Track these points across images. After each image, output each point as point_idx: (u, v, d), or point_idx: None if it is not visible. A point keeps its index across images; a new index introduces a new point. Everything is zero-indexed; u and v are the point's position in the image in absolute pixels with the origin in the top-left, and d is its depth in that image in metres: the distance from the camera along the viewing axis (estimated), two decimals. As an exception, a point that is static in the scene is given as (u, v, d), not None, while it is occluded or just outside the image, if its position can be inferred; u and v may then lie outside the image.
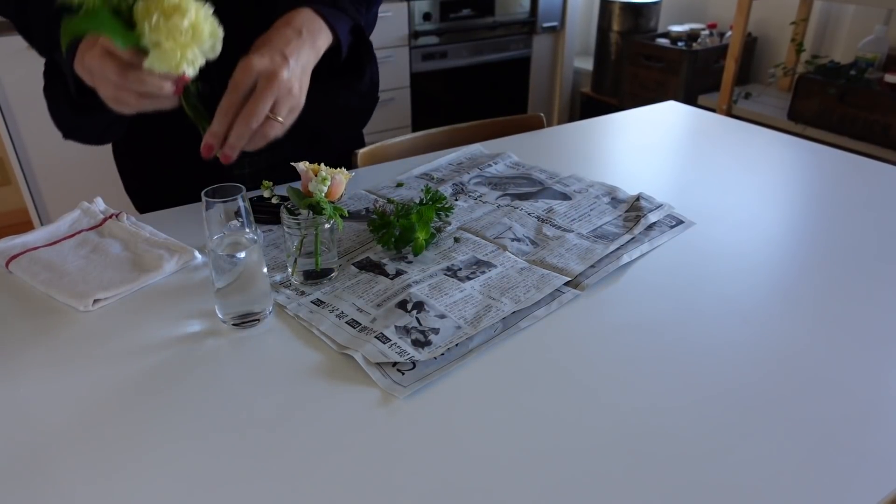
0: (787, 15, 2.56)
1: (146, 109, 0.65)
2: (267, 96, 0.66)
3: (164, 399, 0.58)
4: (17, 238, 0.80)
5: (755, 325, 0.67)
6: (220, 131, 0.67)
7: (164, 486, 0.49)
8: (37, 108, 1.96)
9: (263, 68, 0.66)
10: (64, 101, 0.77)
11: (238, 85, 0.66)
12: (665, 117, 1.30)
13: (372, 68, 0.96)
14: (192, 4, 0.52)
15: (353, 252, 0.80)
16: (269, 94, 0.66)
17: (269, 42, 0.69)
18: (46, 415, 0.56)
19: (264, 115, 0.67)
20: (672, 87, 2.68)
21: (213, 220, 0.63)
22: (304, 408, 0.57)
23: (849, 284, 0.74)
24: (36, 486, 0.49)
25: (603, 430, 0.54)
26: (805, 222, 0.88)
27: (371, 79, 0.96)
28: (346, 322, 0.67)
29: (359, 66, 0.92)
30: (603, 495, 0.48)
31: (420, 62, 2.64)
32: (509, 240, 0.82)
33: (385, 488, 0.49)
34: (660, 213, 0.88)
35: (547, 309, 0.70)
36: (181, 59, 0.52)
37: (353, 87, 0.93)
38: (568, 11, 2.90)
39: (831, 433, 0.54)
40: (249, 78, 0.66)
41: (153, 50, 0.51)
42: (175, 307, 0.71)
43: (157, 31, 0.51)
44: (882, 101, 2.08)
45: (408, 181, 1.00)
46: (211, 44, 0.54)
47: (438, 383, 0.60)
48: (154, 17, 0.50)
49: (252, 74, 0.66)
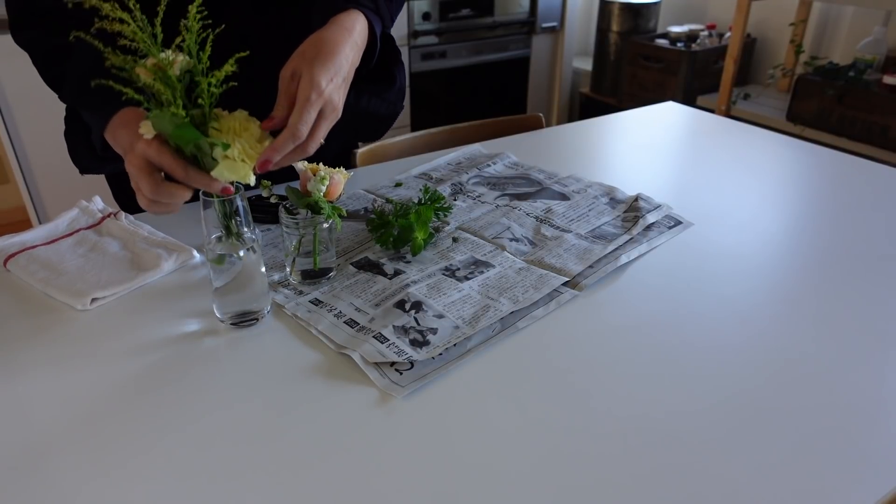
0: (786, 16, 2.56)
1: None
2: (326, 123, 0.67)
3: (162, 398, 0.58)
4: (15, 237, 0.80)
5: (753, 325, 0.67)
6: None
7: (162, 485, 0.49)
8: (36, 106, 1.96)
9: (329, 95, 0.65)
10: (84, 148, 0.81)
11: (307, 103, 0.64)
12: (664, 118, 1.31)
13: (401, 75, 0.95)
14: (254, 124, 0.60)
15: (351, 252, 0.80)
16: (328, 121, 0.67)
17: (324, 54, 0.67)
18: (44, 413, 0.56)
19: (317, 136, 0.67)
20: (671, 88, 2.69)
21: (211, 219, 0.63)
22: (301, 407, 0.57)
23: (848, 285, 0.74)
24: (33, 485, 0.49)
25: (600, 430, 0.54)
26: (803, 223, 0.89)
27: (400, 85, 0.95)
28: (344, 322, 0.67)
29: (388, 72, 0.91)
30: (601, 494, 0.48)
31: (419, 62, 2.64)
32: (508, 240, 0.82)
33: (382, 487, 0.49)
34: (658, 213, 0.88)
35: (545, 309, 0.70)
36: (249, 171, 0.58)
37: (384, 94, 0.93)
38: (567, 12, 2.90)
39: (830, 433, 0.54)
40: (319, 101, 0.64)
41: (223, 161, 0.58)
42: (173, 306, 0.70)
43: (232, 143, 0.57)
44: (881, 102, 2.08)
45: (406, 181, 1.00)
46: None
47: (436, 383, 0.60)
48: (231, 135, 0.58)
49: (322, 99, 0.65)
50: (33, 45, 0.80)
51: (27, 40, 0.80)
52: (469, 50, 2.74)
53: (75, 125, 0.84)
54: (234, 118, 0.61)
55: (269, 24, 0.86)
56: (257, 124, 0.63)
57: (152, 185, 0.63)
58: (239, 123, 0.61)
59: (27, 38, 0.80)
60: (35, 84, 0.88)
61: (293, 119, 0.63)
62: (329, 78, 0.66)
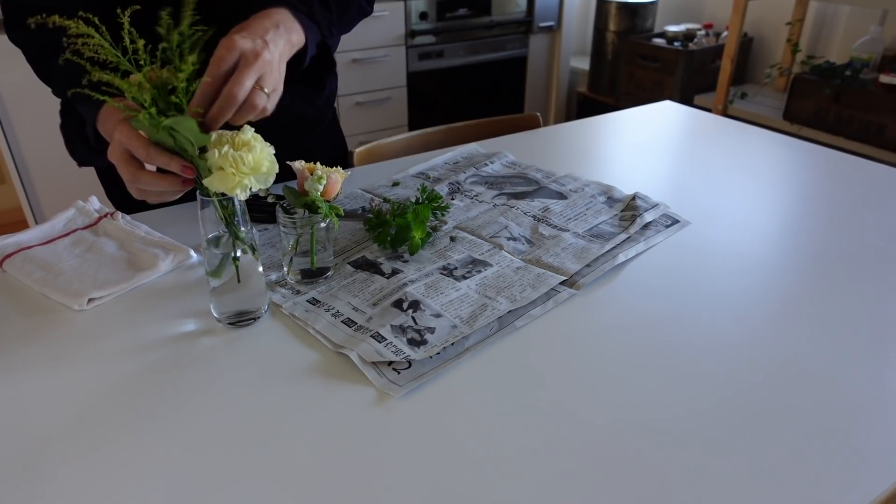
0: (782, 15, 2.57)
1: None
2: (252, 70, 0.65)
3: (159, 398, 0.58)
4: (11, 237, 0.80)
5: (749, 324, 0.67)
6: (203, 103, 0.64)
7: (159, 485, 0.49)
8: (32, 106, 1.96)
9: (248, 47, 0.65)
10: (80, 140, 0.81)
11: (221, 59, 0.64)
12: (661, 117, 1.31)
13: (332, 84, 0.97)
14: (259, 144, 0.60)
15: (348, 251, 0.80)
16: (254, 69, 0.65)
17: (247, 27, 0.68)
18: (41, 414, 0.56)
19: (250, 87, 0.65)
20: (668, 87, 2.69)
21: (208, 219, 0.63)
22: (299, 406, 0.57)
23: (844, 284, 0.74)
24: (30, 485, 0.49)
25: (598, 428, 0.54)
26: (800, 222, 0.89)
27: (328, 94, 0.97)
28: (341, 321, 0.67)
29: (320, 79, 0.93)
30: (599, 493, 0.48)
31: (416, 61, 2.64)
32: (505, 239, 0.82)
33: (380, 486, 0.49)
34: (655, 212, 0.89)
35: (543, 308, 0.70)
36: (237, 185, 0.58)
37: (311, 98, 0.95)
38: (564, 11, 2.90)
39: (827, 431, 0.54)
40: (233, 55, 0.64)
41: (216, 172, 0.58)
42: (170, 306, 0.70)
43: (224, 159, 0.58)
44: (877, 101, 2.09)
45: (404, 180, 1.00)
46: (264, 178, 0.61)
47: (434, 382, 0.60)
48: (225, 148, 0.58)
49: (236, 51, 0.64)
50: (26, 42, 0.81)
51: (21, 38, 0.81)
52: (466, 49, 2.74)
53: (70, 118, 0.85)
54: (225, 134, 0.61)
55: None
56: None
57: (130, 173, 0.63)
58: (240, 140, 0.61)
59: (21, 37, 0.81)
60: (31, 84, 0.88)
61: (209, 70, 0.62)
62: (246, 36, 0.65)
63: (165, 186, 0.64)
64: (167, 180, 0.63)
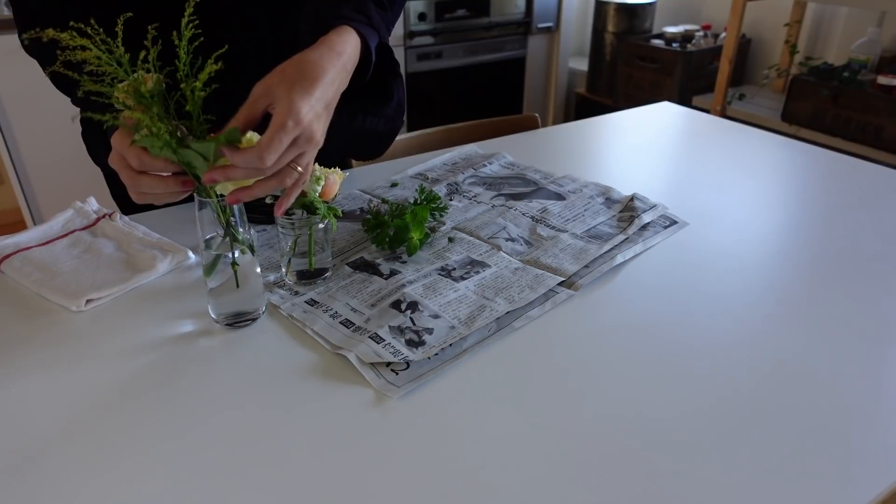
0: (780, 16, 2.57)
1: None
2: (296, 149, 0.60)
3: (157, 399, 0.58)
4: (9, 238, 0.80)
5: (747, 324, 0.67)
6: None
7: (157, 486, 0.49)
8: (30, 108, 1.95)
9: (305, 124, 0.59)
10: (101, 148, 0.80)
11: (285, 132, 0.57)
12: (659, 118, 1.31)
13: (399, 89, 0.89)
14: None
15: (347, 252, 0.80)
16: (298, 147, 0.60)
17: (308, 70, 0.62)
18: (39, 415, 0.56)
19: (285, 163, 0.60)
20: (666, 88, 2.69)
21: (206, 220, 0.63)
22: (297, 408, 0.57)
23: (842, 285, 0.74)
24: (28, 486, 0.49)
25: (596, 429, 0.54)
26: (798, 223, 0.89)
27: (398, 101, 0.89)
28: (339, 322, 0.67)
29: (385, 87, 0.85)
30: (599, 493, 0.48)
31: (415, 62, 2.64)
32: (503, 240, 0.82)
33: (378, 488, 0.49)
34: (654, 213, 0.89)
35: (541, 309, 0.70)
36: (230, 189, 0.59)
37: (380, 111, 0.88)
38: (563, 12, 2.91)
39: (824, 432, 0.54)
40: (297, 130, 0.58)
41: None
42: (168, 307, 0.70)
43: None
44: (875, 102, 2.09)
45: (402, 181, 1.00)
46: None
47: (432, 383, 0.60)
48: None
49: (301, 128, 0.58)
50: (42, 53, 0.80)
51: (36, 49, 0.80)
52: (465, 50, 2.74)
53: (92, 126, 0.84)
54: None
55: (261, 39, 0.85)
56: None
57: (129, 178, 0.63)
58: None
59: (36, 48, 0.80)
60: (29, 85, 0.88)
61: (263, 140, 0.56)
62: (310, 105, 0.59)
63: (165, 189, 0.63)
64: (166, 183, 0.63)
